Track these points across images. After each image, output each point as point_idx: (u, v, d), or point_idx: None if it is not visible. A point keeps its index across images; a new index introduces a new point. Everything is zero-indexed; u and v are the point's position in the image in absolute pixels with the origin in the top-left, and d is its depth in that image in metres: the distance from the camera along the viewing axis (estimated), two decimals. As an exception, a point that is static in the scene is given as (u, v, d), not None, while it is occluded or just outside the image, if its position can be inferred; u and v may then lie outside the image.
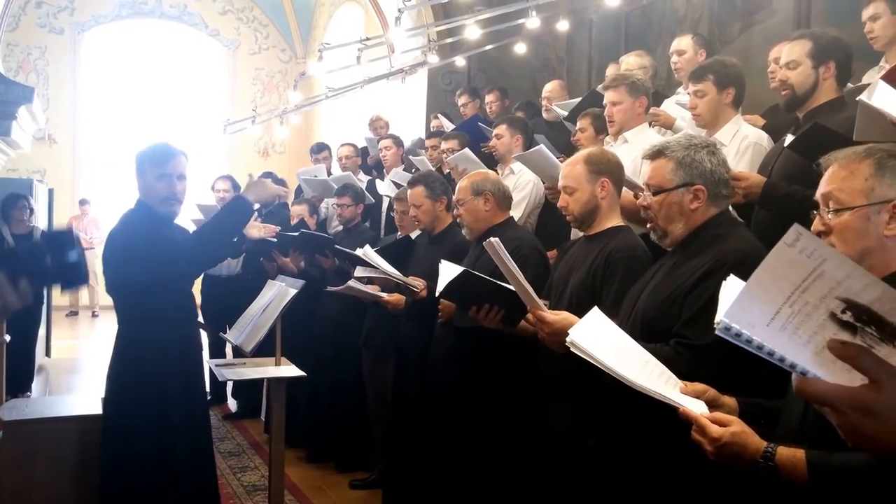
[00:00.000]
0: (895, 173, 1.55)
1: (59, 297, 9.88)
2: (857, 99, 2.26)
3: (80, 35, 12.42)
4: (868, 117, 2.23)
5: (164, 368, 3.03)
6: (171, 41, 12.92)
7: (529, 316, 2.33)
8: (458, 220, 3.44)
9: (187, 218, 6.17)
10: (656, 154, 2.22)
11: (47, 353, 8.11)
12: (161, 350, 3.04)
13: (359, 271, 3.77)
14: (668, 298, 2.11)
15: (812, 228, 1.64)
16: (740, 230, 2.25)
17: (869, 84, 2.96)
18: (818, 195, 1.65)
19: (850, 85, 2.95)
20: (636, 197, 2.68)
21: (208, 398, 6.20)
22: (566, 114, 4.58)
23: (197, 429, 3.18)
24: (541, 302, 2.33)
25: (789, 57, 2.79)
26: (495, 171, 4.02)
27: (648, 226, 2.27)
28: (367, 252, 3.69)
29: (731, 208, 2.87)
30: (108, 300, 3.49)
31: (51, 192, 8.63)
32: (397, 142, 5.94)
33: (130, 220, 3.14)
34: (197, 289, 6.37)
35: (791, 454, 1.47)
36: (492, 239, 2.29)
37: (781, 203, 2.57)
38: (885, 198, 1.54)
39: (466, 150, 4.45)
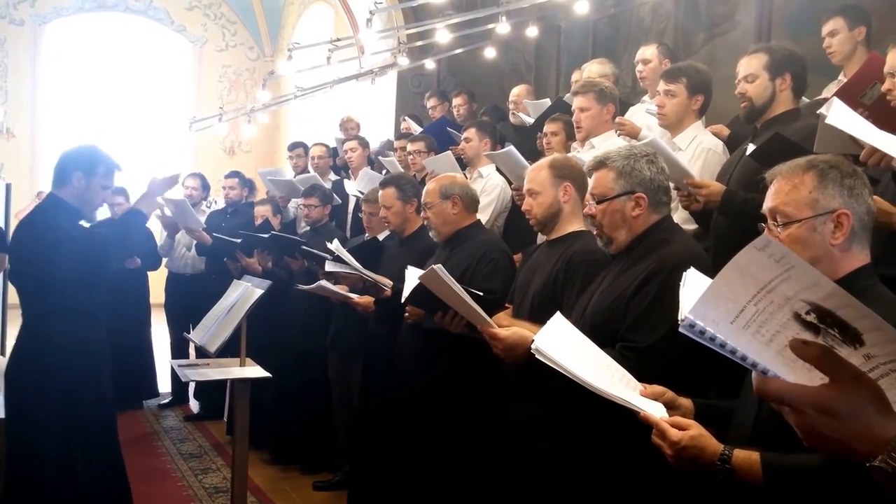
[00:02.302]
0: (837, 184, 1.61)
1: (15, 294, 9.65)
2: (817, 112, 2.33)
3: (41, 27, 12.14)
4: (828, 131, 2.31)
5: (71, 364, 2.98)
6: (135, 36, 12.67)
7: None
8: (425, 223, 3.46)
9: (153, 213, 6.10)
10: (598, 165, 2.31)
11: (1, 352, 7.91)
12: (66, 346, 2.99)
13: (328, 266, 3.76)
14: (614, 303, 2.18)
15: None
16: (681, 235, 2.34)
17: (827, 98, 3.06)
18: (765, 209, 1.70)
19: (805, 99, 3.03)
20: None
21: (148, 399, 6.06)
22: (532, 121, 4.62)
23: (102, 428, 3.13)
24: (490, 319, 2.39)
25: (747, 70, 2.87)
26: (464, 174, 4.05)
27: (595, 233, 2.35)
28: (338, 247, 3.69)
29: (690, 215, 2.95)
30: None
31: (8, 186, 8.42)
32: (363, 143, 5.94)
33: (49, 214, 3.10)
34: (161, 286, 6.40)
35: (746, 456, 1.51)
36: (434, 267, 2.35)
37: (740, 209, 2.64)
38: (829, 208, 1.60)
39: (449, 153, 4.46)
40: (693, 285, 1.79)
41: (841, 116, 2.20)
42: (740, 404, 1.72)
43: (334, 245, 3.73)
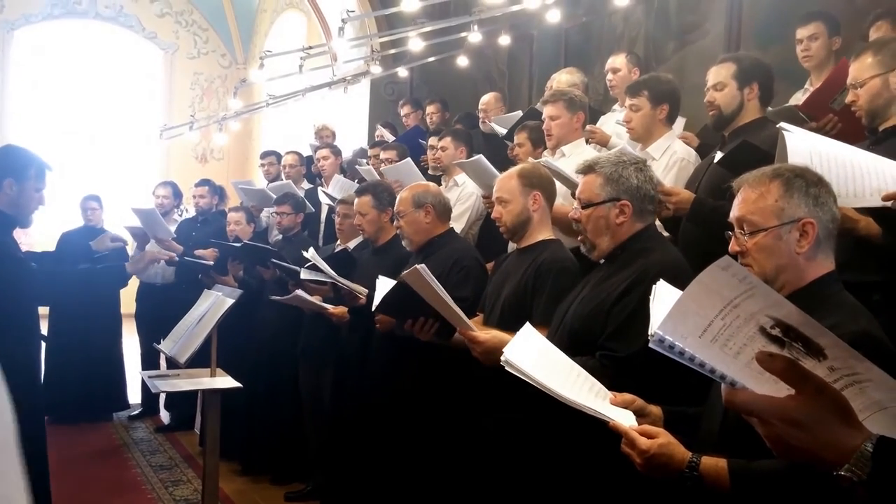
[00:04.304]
0: (802, 192, 1.63)
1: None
2: (776, 126, 2.36)
3: (8, 34, 11.94)
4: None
5: (10, 376, 2.94)
6: (105, 43, 12.51)
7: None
8: (398, 231, 3.45)
9: (122, 224, 6.03)
10: (587, 169, 2.31)
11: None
12: (8, 359, 2.96)
13: (304, 273, 3.73)
14: (594, 311, 2.18)
15: (729, 249, 1.71)
16: (664, 244, 2.35)
17: (795, 105, 3.10)
18: (732, 218, 1.72)
19: (770, 108, 3.07)
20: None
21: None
22: (505, 131, 4.64)
23: (35, 441, 3.07)
24: (470, 322, 2.38)
25: (715, 79, 2.91)
26: (437, 183, 4.05)
27: (579, 238, 2.36)
28: (313, 255, 3.66)
29: (657, 220, 2.97)
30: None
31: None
32: (335, 151, 5.93)
33: None
34: (132, 296, 6.30)
35: (714, 463, 1.52)
36: (417, 266, 2.35)
37: (709, 217, 2.67)
38: (794, 217, 1.63)
39: (408, 160, 4.46)
40: (663, 299, 1.79)
41: (799, 140, 2.21)
42: (706, 411, 1.73)
43: (310, 253, 3.69)
